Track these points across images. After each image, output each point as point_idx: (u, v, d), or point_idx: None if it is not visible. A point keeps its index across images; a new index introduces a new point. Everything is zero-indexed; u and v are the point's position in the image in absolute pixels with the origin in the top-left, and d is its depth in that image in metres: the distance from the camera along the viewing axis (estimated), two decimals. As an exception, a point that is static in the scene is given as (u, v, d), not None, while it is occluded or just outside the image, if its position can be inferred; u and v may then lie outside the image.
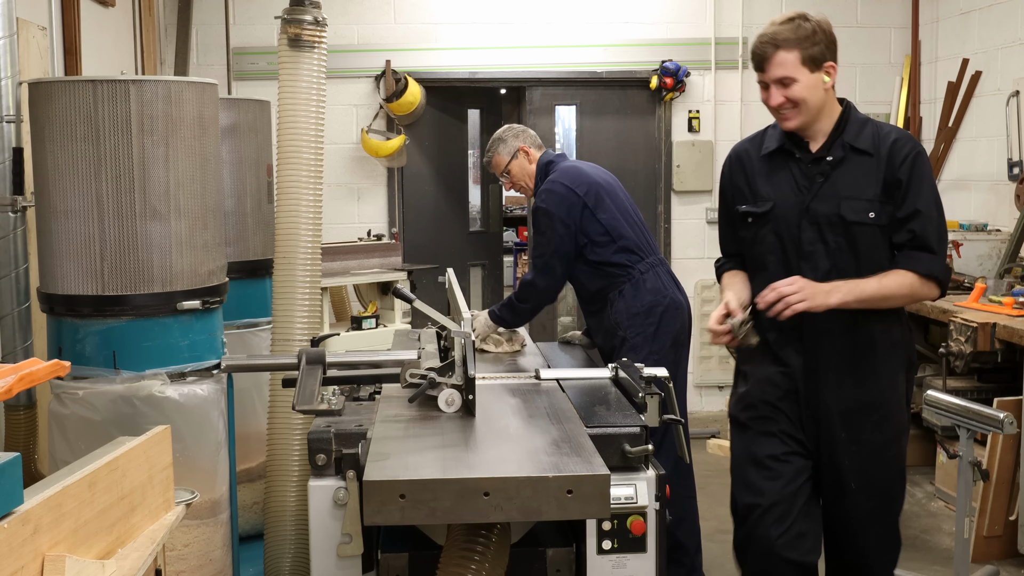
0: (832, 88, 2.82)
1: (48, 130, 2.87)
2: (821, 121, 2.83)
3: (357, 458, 2.46)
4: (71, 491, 1.82)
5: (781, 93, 2.80)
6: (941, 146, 6.53)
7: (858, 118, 2.85)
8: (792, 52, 2.77)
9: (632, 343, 3.81)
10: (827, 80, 2.79)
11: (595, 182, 3.96)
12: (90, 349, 2.91)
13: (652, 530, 2.53)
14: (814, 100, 2.78)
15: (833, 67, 2.80)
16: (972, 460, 3.57)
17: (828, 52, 2.79)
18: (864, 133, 2.81)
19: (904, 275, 2.78)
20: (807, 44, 2.77)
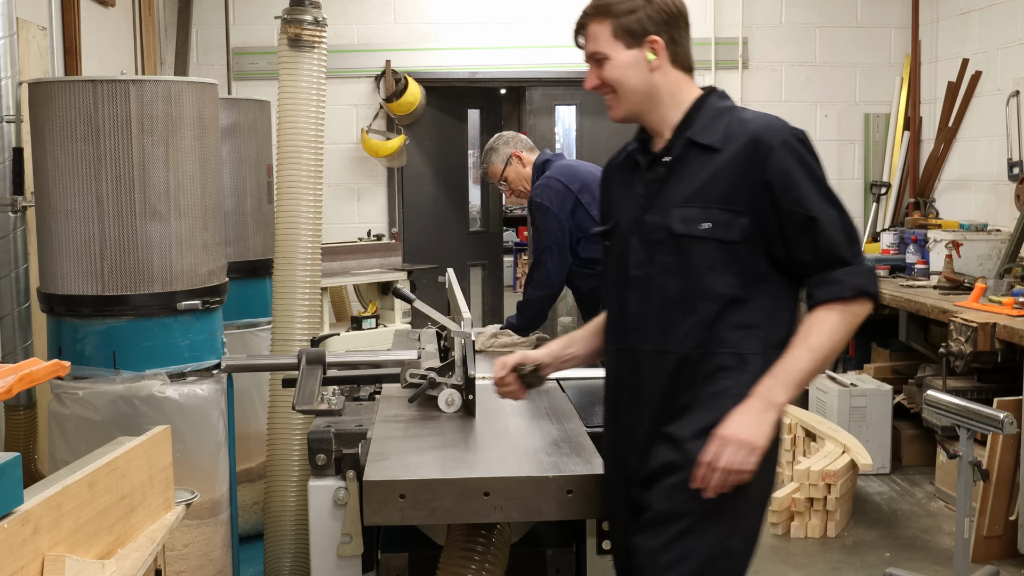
0: (674, 68, 2.20)
1: (48, 130, 2.87)
2: (663, 112, 2.21)
3: (357, 458, 2.46)
4: (71, 491, 1.82)
5: (595, 74, 2.23)
6: (941, 146, 6.53)
7: (715, 108, 2.19)
8: (604, 23, 2.17)
9: None
10: (652, 58, 2.16)
11: (589, 179, 3.97)
12: (90, 349, 2.91)
13: (652, 530, 2.52)
14: (633, 83, 2.18)
15: (657, 41, 2.16)
16: (972, 460, 3.57)
17: (653, 23, 2.16)
18: (716, 126, 2.16)
19: (827, 315, 2.15)
20: (622, 12, 2.16)
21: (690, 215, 2.11)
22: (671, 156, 2.18)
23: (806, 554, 4.49)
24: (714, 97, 2.23)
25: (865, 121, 6.97)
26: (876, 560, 4.39)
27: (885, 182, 6.89)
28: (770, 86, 6.88)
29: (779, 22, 6.88)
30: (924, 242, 5.98)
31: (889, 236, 6.44)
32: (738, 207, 2.10)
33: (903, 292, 5.41)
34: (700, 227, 2.09)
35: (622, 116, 2.27)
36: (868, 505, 5.07)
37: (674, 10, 2.20)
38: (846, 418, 5.45)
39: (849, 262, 2.14)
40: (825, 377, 5.84)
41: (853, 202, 7.03)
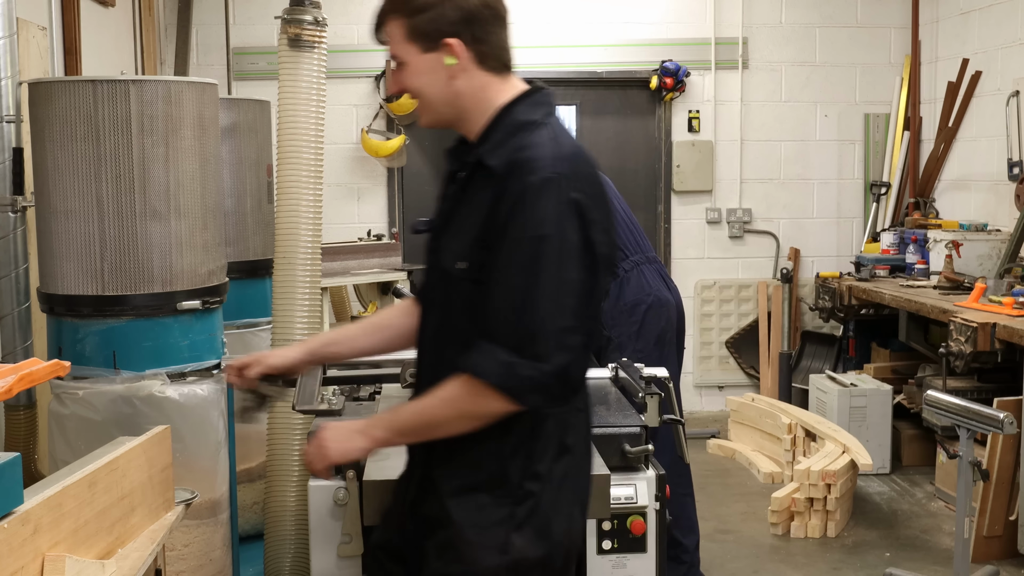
0: (482, 70, 1.91)
1: (48, 130, 2.87)
2: (471, 121, 1.94)
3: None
4: (71, 491, 1.82)
5: (395, 78, 1.96)
6: (941, 146, 6.53)
7: (516, 121, 1.90)
8: (398, 21, 1.90)
9: (617, 342, 3.80)
10: (451, 62, 1.88)
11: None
12: (90, 349, 2.91)
13: (652, 530, 2.52)
14: (433, 91, 1.91)
15: (455, 44, 1.87)
16: (972, 460, 3.57)
17: (448, 22, 1.86)
18: (509, 144, 1.87)
19: (453, 384, 1.85)
20: (414, 10, 1.88)
21: (455, 249, 1.90)
22: (464, 173, 1.94)
23: (806, 554, 4.49)
24: (524, 106, 1.92)
25: (865, 121, 6.97)
26: (876, 560, 4.39)
27: (885, 182, 6.89)
28: (770, 86, 6.88)
29: (779, 22, 6.88)
30: (924, 242, 5.98)
31: (889, 236, 6.44)
32: (485, 245, 1.84)
33: (903, 292, 5.41)
34: (457, 265, 1.88)
35: (430, 124, 2.00)
36: (868, 505, 5.07)
37: (475, 4, 1.88)
38: (846, 418, 5.45)
39: (498, 340, 1.80)
40: (825, 377, 5.85)
41: (853, 202, 7.03)
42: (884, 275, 6.05)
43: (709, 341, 7.01)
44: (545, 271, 1.77)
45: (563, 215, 1.79)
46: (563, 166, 1.82)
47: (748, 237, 6.98)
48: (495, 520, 1.89)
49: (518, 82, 1.97)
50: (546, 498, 1.91)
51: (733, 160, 6.91)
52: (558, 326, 1.78)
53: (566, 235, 1.79)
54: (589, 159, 1.91)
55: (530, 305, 1.78)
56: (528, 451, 1.90)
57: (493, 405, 1.82)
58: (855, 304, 5.96)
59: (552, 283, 1.78)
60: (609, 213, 1.90)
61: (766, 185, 6.96)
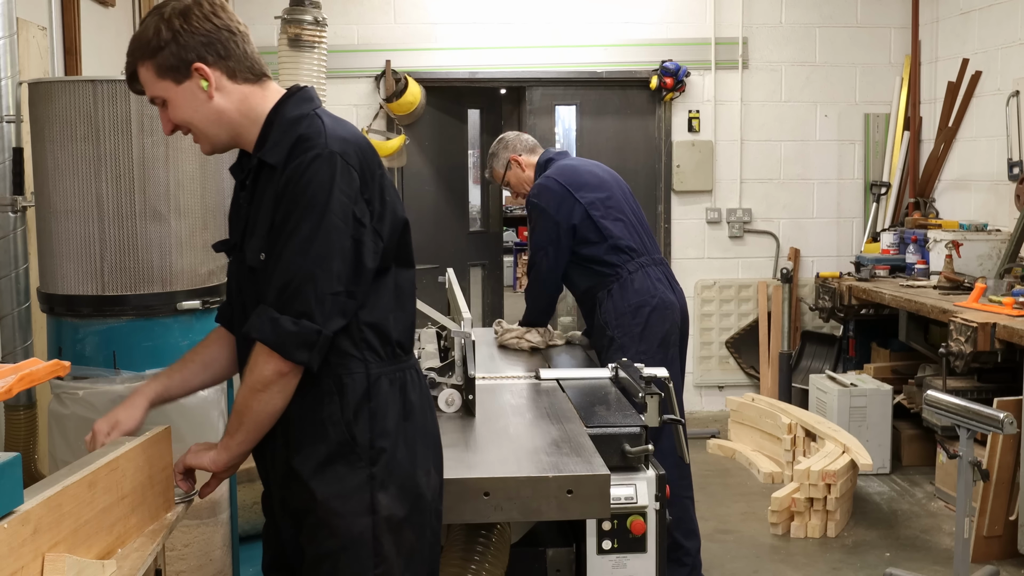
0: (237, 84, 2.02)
1: (48, 130, 2.87)
2: (244, 134, 2.06)
3: (357, 458, 2.46)
4: (71, 491, 1.82)
5: (165, 118, 2.07)
6: (941, 146, 6.53)
7: (289, 118, 2.02)
8: (145, 66, 2.01)
9: (620, 343, 3.82)
10: (205, 85, 1.99)
11: (588, 180, 3.99)
12: (90, 349, 2.91)
13: (652, 530, 2.53)
14: (200, 117, 2.02)
15: (201, 67, 1.98)
16: (972, 460, 3.57)
17: (188, 50, 1.97)
18: (285, 139, 2.00)
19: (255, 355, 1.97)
20: (154, 51, 1.99)
21: (255, 244, 2.01)
22: (249, 179, 2.07)
23: (806, 554, 4.49)
24: (291, 104, 2.04)
25: (865, 121, 6.97)
26: (876, 560, 4.39)
27: (885, 182, 6.89)
28: (770, 86, 6.88)
29: (779, 22, 6.88)
30: (924, 242, 5.98)
31: (889, 236, 6.44)
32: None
33: (903, 292, 5.41)
34: (260, 256, 1.99)
35: (211, 151, 2.11)
36: (868, 505, 5.07)
37: (208, 27, 1.98)
38: (846, 418, 5.45)
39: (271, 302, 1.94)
40: (825, 377, 5.85)
41: (853, 202, 7.03)
42: (884, 275, 6.05)
43: (709, 341, 7.01)
44: (313, 238, 1.91)
45: (335, 187, 1.93)
46: (336, 144, 1.96)
47: (748, 237, 6.98)
48: (355, 485, 2.00)
49: (276, 86, 2.08)
50: (400, 454, 2.03)
51: (733, 160, 6.91)
52: (322, 288, 1.92)
53: (332, 205, 1.92)
54: (364, 141, 2.04)
55: (296, 268, 1.92)
56: (370, 411, 2.01)
57: (270, 365, 1.94)
58: (855, 304, 5.96)
59: (319, 248, 1.91)
60: (384, 189, 2.02)
61: (766, 185, 6.96)
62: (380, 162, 2.05)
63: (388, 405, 2.03)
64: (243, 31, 2.04)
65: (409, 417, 2.05)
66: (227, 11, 2.02)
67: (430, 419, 2.13)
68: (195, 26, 1.97)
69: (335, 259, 1.92)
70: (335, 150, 1.94)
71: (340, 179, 1.93)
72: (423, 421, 2.09)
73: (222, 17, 2.01)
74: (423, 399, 2.12)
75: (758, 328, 6.94)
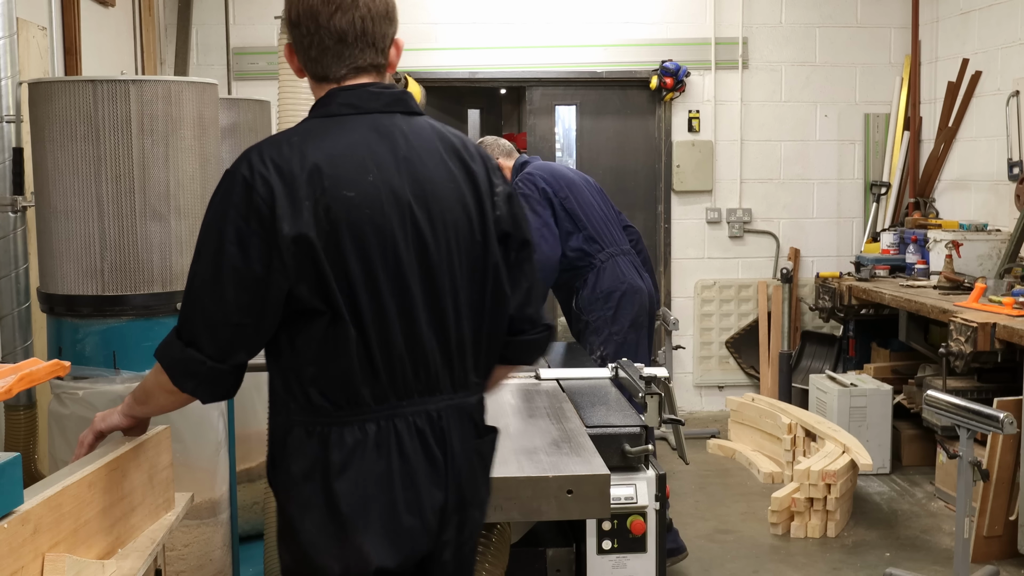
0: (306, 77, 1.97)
1: (48, 130, 2.87)
2: None
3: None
4: (71, 491, 1.82)
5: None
6: (941, 146, 6.53)
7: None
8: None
9: (594, 326, 4.24)
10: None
11: (561, 176, 4.40)
12: (90, 349, 2.91)
13: (652, 530, 2.53)
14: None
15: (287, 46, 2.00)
16: (972, 460, 3.57)
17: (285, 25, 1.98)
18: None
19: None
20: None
21: None
22: None
23: (806, 554, 4.49)
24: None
25: (865, 121, 6.97)
26: (876, 560, 4.39)
27: (885, 182, 6.89)
28: (770, 86, 6.88)
29: (779, 22, 6.88)
30: (924, 242, 5.98)
31: (889, 236, 6.44)
32: None
33: (903, 292, 5.41)
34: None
35: None
36: (868, 505, 5.07)
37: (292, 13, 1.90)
38: (846, 418, 5.45)
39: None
40: (825, 377, 5.85)
41: (853, 202, 7.03)
42: (884, 275, 6.05)
43: (709, 341, 7.01)
44: (203, 261, 1.80)
45: (226, 205, 1.77)
46: (250, 153, 1.80)
47: (748, 237, 6.98)
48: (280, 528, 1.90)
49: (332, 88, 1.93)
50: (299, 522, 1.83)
51: (733, 160, 6.91)
52: (208, 314, 1.80)
53: (225, 226, 1.76)
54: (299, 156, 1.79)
55: (189, 292, 1.83)
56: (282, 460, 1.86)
57: (164, 378, 1.87)
58: (855, 304, 5.96)
59: (207, 271, 1.79)
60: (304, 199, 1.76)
61: (766, 185, 6.96)
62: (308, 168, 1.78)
63: (296, 459, 1.83)
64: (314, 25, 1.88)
65: (324, 479, 1.80)
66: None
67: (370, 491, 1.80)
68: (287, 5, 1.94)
69: (226, 284, 1.76)
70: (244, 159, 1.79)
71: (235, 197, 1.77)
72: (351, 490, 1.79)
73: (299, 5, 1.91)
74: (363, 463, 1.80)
75: (758, 328, 6.94)
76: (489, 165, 1.97)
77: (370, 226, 1.78)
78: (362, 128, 1.85)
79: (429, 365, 1.85)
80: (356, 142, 1.83)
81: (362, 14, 1.84)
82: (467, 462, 1.89)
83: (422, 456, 1.83)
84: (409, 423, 1.83)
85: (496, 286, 1.91)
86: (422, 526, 1.83)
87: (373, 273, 1.79)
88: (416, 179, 1.84)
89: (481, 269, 1.89)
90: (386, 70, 1.93)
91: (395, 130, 1.87)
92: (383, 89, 1.90)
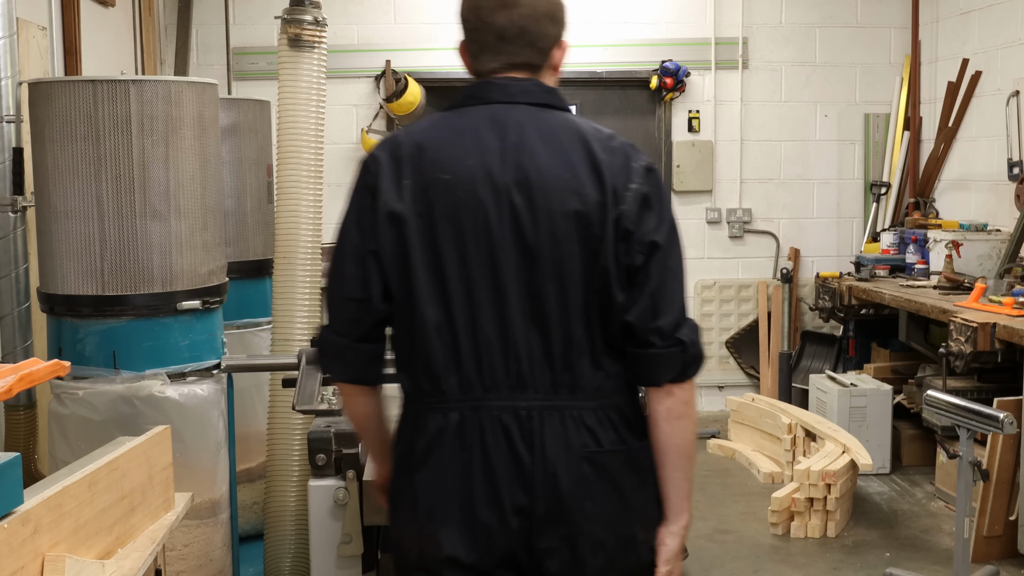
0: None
1: (48, 130, 2.87)
2: None
3: (357, 458, 2.46)
4: (71, 491, 1.82)
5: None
6: (941, 146, 6.53)
7: None
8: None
9: None
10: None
11: None
12: (90, 349, 2.91)
13: (652, 530, 2.52)
14: None
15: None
16: (972, 460, 3.57)
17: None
18: None
19: None
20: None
21: None
22: None
23: (806, 554, 4.49)
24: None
25: (865, 121, 6.97)
26: (876, 560, 4.39)
27: (885, 182, 6.89)
28: (770, 86, 6.88)
29: (779, 22, 6.88)
30: (924, 242, 5.98)
31: (889, 236, 6.44)
32: None
33: (903, 292, 5.41)
34: None
35: None
36: (868, 505, 5.07)
37: (462, 10, 1.97)
38: (846, 418, 5.45)
39: None
40: (825, 377, 5.85)
41: (853, 202, 7.03)
42: (884, 275, 6.04)
43: (709, 341, 7.01)
44: (336, 239, 1.88)
45: (354, 185, 1.88)
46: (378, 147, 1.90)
47: (748, 237, 6.98)
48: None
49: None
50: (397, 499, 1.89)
51: (733, 160, 6.91)
52: (333, 290, 1.88)
53: (350, 205, 1.87)
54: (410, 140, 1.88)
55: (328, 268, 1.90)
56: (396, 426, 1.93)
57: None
58: (855, 304, 5.96)
59: (336, 249, 1.87)
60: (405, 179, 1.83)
61: (766, 185, 6.96)
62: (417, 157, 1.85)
63: (397, 442, 1.90)
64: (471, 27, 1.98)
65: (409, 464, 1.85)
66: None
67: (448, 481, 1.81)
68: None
69: (347, 262, 1.84)
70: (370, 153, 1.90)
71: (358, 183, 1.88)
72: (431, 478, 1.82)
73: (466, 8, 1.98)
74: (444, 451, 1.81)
75: (758, 328, 6.94)
76: (631, 164, 1.91)
77: (464, 209, 1.80)
78: (476, 117, 1.89)
79: (522, 360, 1.79)
80: (464, 128, 1.87)
81: (523, 12, 1.88)
82: (570, 470, 1.79)
83: (506, 453, 1.78)
84: (494, 417, 1.79)
85: (605, 288, 1.82)
86: (501, 525, 1.78)
87: (465, 258, 1.79)
88: (521, 167, 1.82)
89: (596, 267, 1.81)
90: (544, 70, 1.96)
91: (510, 120, 1.87)
92: (511, 82, 1.92)
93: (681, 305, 1.89)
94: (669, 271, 1.86)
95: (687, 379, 1.86)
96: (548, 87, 1.95)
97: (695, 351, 1.88)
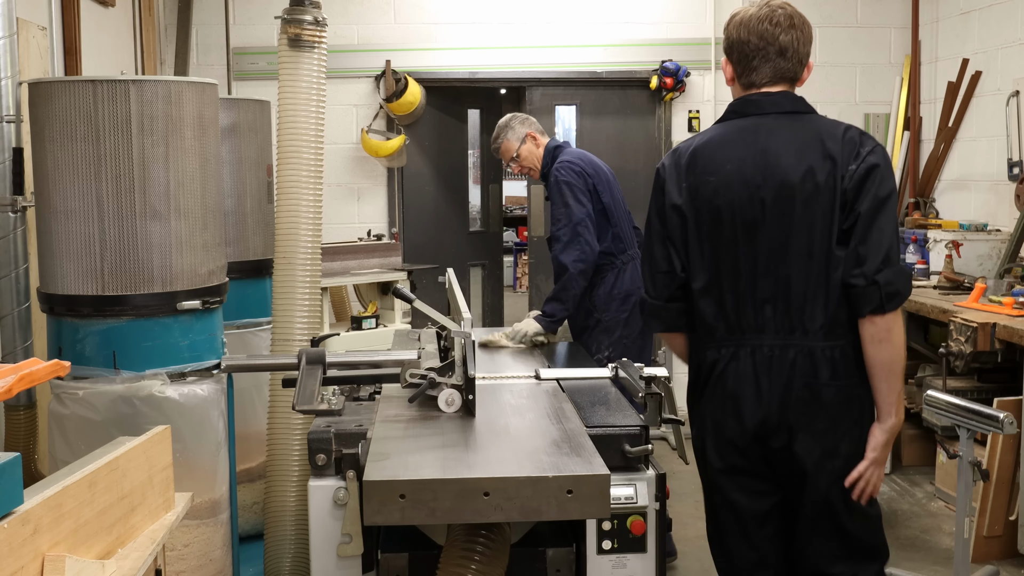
0: None
1: (48, 130, 2.87)
2: None
3: (357, 458, 2.46)
4: (71, 491, 1.82)
5: None
6: (941, 146, 6.53)
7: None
8: None
9: (605, 324, 4.18)
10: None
11: (599, 167, 4.30)
12: (90, 349, 2.91)
13: (652, 530, 2.53)
14: None
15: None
16: (972, 460, 3.57)
17: None
18: None
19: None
20: None
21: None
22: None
23: (806, 554, 4.48)
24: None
25: (865, 121, 6.97)
26: (876, 560, 4.39)
27: (885, 182, 6.88)
28: (770, 86, 6.87)
29: (779, 22, 6.86)
30: (924, 242, 5.98)
31: (889, 236, 6.42)
32: None
33: (903, 292, 5.40)
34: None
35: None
36: (868, 505, 5.07)
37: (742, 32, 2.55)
38: (846, 418, 5.44)
39: None
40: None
41: (853, 202, 7.02)
42: (884, 275, 6.03)
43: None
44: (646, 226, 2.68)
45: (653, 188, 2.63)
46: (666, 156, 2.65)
47: (748, 237, 6.98)
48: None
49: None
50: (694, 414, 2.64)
51: (733, 160, 6.90)
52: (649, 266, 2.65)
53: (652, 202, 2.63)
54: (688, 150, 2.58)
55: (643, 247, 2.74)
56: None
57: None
58: (855, 304, 5.95)
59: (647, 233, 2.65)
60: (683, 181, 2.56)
61: (766, 185, 6.95)
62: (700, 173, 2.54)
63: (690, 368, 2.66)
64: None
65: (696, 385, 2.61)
66: None
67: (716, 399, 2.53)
68: None
69: (655, 244, 2.59)
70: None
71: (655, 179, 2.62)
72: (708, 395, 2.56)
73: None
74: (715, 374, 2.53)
75: (758, 328, 6.93)
76: (860, 149, 2.47)
77: (723, 203, 2.47)
78: (736, 128, 2.52)
79: (765, 311, 2.46)
80: (726, 139, 2.52)
81: (797, 36, 2.49)
82: (793, 394, 2.44)
83: (752, 378, 2.47)
84: (748, 351, 2.48)
85: (828, 247, 2.41)
86: (741, 433, 2.50)
87: (726, 239, 2.47)
88: (768, 166, 2.44)
89: (821, 237, 2.41)
90: (798, 83, 2.56)
91: (762, 128, 2.49)
92: (764, 97, 2.52)
93: (885, 254, 2.41)
94: (875, 229, 2.40)
95: (886, 312, 2.43)
96: (795, 96, 2.54)
97: (890, 290, 2.43)
